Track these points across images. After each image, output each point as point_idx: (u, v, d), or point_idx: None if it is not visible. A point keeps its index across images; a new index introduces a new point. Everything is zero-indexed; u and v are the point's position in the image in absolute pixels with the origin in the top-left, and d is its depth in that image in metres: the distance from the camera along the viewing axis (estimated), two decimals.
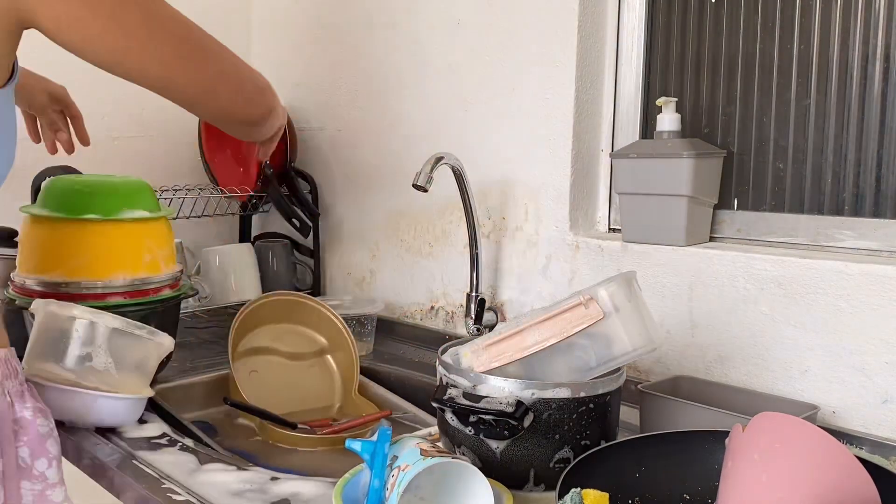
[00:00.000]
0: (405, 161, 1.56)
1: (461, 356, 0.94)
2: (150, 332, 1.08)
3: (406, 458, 0.77)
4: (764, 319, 1.08)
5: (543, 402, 0.87)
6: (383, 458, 0.78)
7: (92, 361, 1.04)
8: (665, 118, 1.18)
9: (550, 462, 0.88)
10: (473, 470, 0.77)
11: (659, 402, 1.01)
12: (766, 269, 1.08)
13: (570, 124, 1.29)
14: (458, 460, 0.78)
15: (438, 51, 1.49)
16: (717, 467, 0.75)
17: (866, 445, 0.97)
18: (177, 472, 0.94)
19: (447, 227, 1.50)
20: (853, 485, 0.63)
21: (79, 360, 1.04)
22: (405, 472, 0.75)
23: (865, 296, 0.99)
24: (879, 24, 1.07)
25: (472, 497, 0.78)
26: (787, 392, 1.06)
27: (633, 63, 1.31)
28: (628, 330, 0.88)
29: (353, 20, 1.67)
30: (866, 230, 1.08)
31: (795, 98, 1.15)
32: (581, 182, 1.32)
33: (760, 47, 1.18)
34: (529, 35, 1.33)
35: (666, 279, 1.18)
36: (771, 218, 1.17)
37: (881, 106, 1.07)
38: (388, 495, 0.76)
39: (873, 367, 0.99)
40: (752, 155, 1.20)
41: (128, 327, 1.06)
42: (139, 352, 1.08)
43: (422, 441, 0.82)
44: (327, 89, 1.74)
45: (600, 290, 0.87)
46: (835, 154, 1.12)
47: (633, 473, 0.82)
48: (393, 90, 1.59)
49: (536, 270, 1.35)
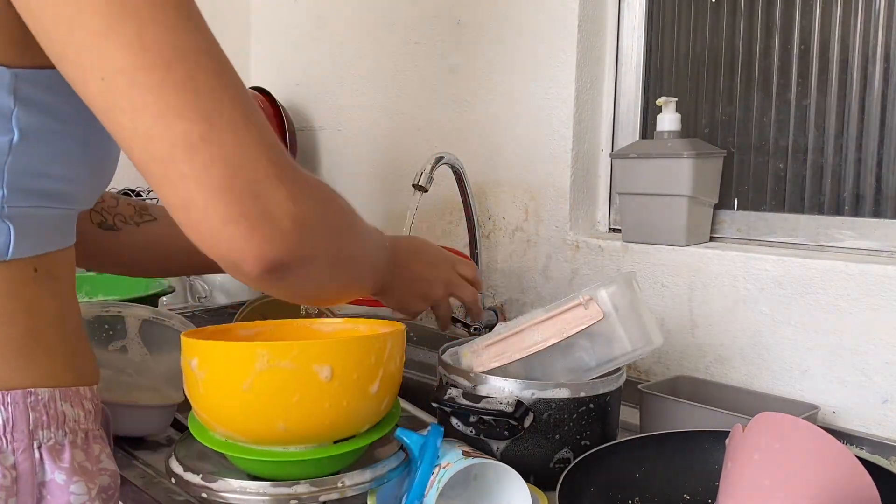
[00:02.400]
0: (405, 161, 1.56)
1: (461, 356, 0.94)
2: (181, 321, 1.05)
3: (447, 457, 0.77)
4: (764, 319, 1.08)
5: (543, 402, 0.87)
6: (434, 451, 0.78)
7: (128, 354, 1.00)
8: (665, 118, 1.18)
9: (550, 462, 0.88)
10: (513, 473, 0.77)
11: (659, 402, 1.01)
12: (766, 269, 1.08)
13: (570, 124, 1.29)
14: (500, 463, 0.78)
15: (438, 50, 1.49)
16: (717, 467, 0.75)
17: (866, 445, 0.97)
18: None
19: (447, 227, 1.50)
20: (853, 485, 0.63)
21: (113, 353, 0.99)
22: (446, 470, 0.75)
23: (865, 296, 0.99)
24: (879, 24, 1.07)
25: (510, 500, 0.78)
26: (787, 392, 1.06)
27: (633, 63, 1.31)
28: (628, 330, 0.88)
29: (353, 20, 1.67)
30: (866, 230, 1.08)
31: (795, 98, 1.15)
32: (581, 182, 1.32)
33: (760, 47, 1.18)
34: (529, 35, 1.33)
35: (666, 279, 1.18)
36: (771, 218, 1.17)
37: (881, 106, 1.07)
38: (427, 492, 0.76)
39: (873, 367, 0.99)
40: (752, 155, 1.20)
41: (157, 317, 1.02)
42: (173, 347, 1.03)
43: (462, 444, 0.82)
44: (327, 89, 1.74)
45: (600, 290, 0.87)
46: (835, 154, 1.12)
47: (633, 473, 0.82)
48: (393, 90, 1.59)
49: (536, 270, 1.35)
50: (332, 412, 0.73)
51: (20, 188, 0.60)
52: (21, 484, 0.62)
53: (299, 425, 0.73)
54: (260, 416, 0.73)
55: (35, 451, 0.63)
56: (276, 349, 0.71)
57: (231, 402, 0.72)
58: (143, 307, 1.03)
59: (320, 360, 0.72)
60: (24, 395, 0.63)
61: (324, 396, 0.72)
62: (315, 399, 0.72)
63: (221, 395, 0.73)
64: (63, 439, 0.65)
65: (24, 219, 0.61)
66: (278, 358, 0.70)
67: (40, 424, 0.63)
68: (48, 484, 0.64)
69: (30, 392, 0.63)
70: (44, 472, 0.64)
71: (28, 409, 0.62)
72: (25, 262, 0.63)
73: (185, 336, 0.76)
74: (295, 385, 0.71)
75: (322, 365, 0.72)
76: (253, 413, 0.72)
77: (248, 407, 0.72)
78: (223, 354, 0.73)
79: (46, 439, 0.64)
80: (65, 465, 0.65)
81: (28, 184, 0.61)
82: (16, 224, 0.60)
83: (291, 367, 0.71)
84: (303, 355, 0.71)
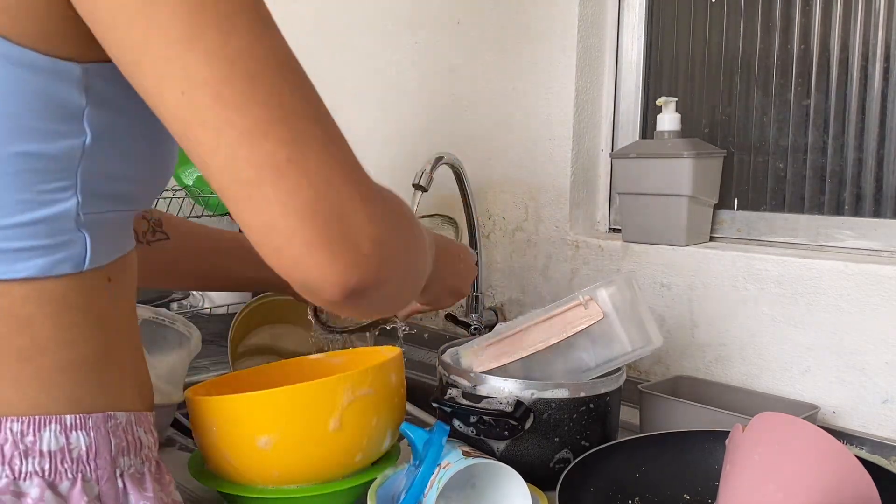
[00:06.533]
0: (405, 161, 1.56)
1: (461, 356, 0.94)
2: (184, 323, 1.04)
3: (448, 457, 0.77)
4: (764, 319, 1.08)
5: (543, 402, 0.87)
6: (438, 449, 0.77)
7: None
8: (665, 118, 1.18)
9: (550, 462, 0.88)
10: (513, 474, 0.77)
11: (659, 402, 1.01)
12: (766, 269, 1.08)
13: (570, 124, 1.29)
14: (500, 463, 0.79)
15: (438, 51, 1.49)
16: (717, 467, 0.75)
17: (866, 445, 0.97)
18: (177, 471, 0.94)
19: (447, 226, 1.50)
20: (853, 485, 0.63)
21: None
22: (446, 470, 0.75)
23: (865, 296, 0.99)
24: (879, 24, 1.07)
25: (510, 500, 0.78)
26: (787, 392, 1.06)
27: (633, 63, 1.31)
28: (628, 330, 0.88)
29: (353, 20, 1.67)
30: (866, 230, 1.08)
31: (795, 98, 1.15)
32: (581, 182, 1.32)
33: (760, 47, 1.18)
34: (529, 35, 1.33)
35: (666, 279, 1.18)
36: (771, 218, 1.17)
37: (881, 106, 1.07)
38: (427, 492, 0.76)
39: (873, 367, 0.99)
40: (752, 155, 1.20)
41: (159, 317, 1.00)
42: (173, 346, 1.03)
43: (463, 444, 0.82)
44: (328, 89, 1.74)
45: (600, 290, 0.87)
46: (835, 154, 1.12)
47: (633, 473, 0.82)
48: (393, 90, 1.59)
49: (536, 270, 1.35)
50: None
51: (95, 193, 0.56)
52: None
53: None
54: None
55: (118, 479, 0.59)
56: (357, 378, 0.78)
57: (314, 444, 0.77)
58: (144, 307, 1.03)
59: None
60: (105, 418, 0.58)
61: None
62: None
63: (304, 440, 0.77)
64: (142, 467, 0.61)
65: (99, 226, 0.57)
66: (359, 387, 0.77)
67: (121, 451, 0.59)
68: None
69: (109, 416, 0.59)
70: (128, 503, 0.59)
71: (109, 435, 0.58)
72: (100, 273, 0.58)
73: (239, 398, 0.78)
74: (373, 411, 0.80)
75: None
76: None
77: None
78: (307, 395, 0.77)
79: (128, 467, 0.59)
80: (148, 493, 0.60)
81: (102, 188, 0.57)
82: (91, 232, 0.57)
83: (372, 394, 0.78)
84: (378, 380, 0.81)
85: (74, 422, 0.56)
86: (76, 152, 0.54)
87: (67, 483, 0.55)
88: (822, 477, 0.64)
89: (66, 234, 0.55)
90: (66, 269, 0.56)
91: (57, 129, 0.53)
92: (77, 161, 0.54)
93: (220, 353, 1.36)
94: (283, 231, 0.49)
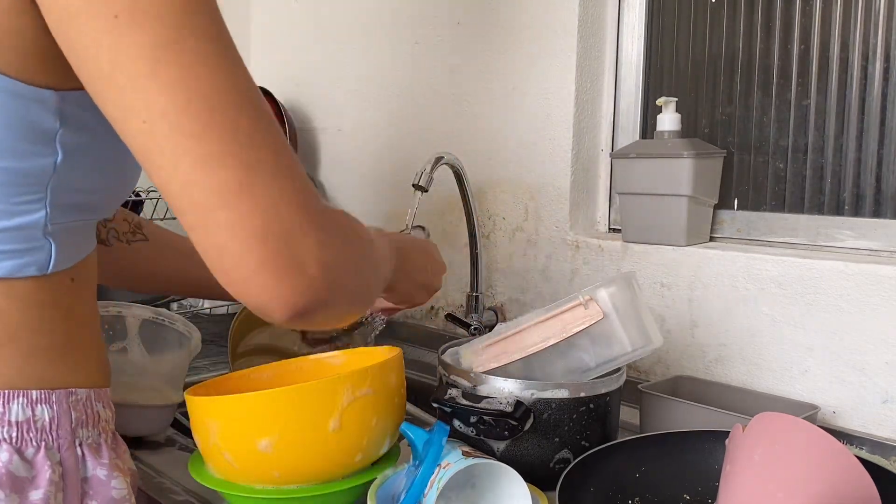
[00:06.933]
0: (405, 161, 1.56)
1: (461, 356, 0.94)
2: (184, 323, 1.05)
3: (448, 458, 0.77)
4: (764, 319, 1.08)
5: (543, 403, 0.87)
6: (438, 449, 0.78)
7: (128, 354, 0.99)
8: (665, 118, 1.18)
9: (550, 462, 0.88)
10: (513, 474, 0.77)
11: (659, 402, 1.01)
12: (766, 269, 1.08)
13: (570, 124, 1.29)
14: (500, 463, 0.78)
15: (438, 51, 1.49)
16: (717, 467, 0.75)
17: (866, 445, 0.97)
18: (176, 471, 0.94)
19: (447, 227, 1.50)
20: (853, 485, 0.63)
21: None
22: (446, 470, 0.75)
23: (865, 296, 0.99)
24: (879, 24, 1.07)
25: (510, 500, 0.78)
26: (787, 392, 1.06)
27: (633, 63, 1.31)
28: (628, 330, 0.88)
29: (354, 20, 1.67)
30: (866, 230, 1.08)
31: (795, 98, 1.15)
32: (581, 182, 1.32)
33: (760, 47, 1.18)
34: (529, 35, 1.33)
35: (666, 279, 1.18)
36: (771, 218, 1.17)
37: (881, 106, 1.07)
38: (427, 492, 0.76)
39: (873, 367, 0.99)
40: (752, 155, 1.20)
41: (159, 317, 1.02)
42: (173, 346, 1.04)
43: (463, 444, 0.82)
44: (327, 89, 1.74)
45: (600, 290, 0.87)
46: (835, 154, 1.12)
47: (633, 473, 0.82)
48: (393, 90, 1.59)
49: (536, 270, 1.35)
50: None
51: (61, 205, 0.61)
52: (67, 479, 0.65)
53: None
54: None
55: (77, 448, 0.66)
56: (356, 377, 0.78)
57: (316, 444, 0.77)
58: (144, 307, 1.03)
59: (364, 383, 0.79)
60: (67, 394, 0.65)
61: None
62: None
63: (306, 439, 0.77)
64: (99, 438, 0.69)
65: (65, 234, 0.63)
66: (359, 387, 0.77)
67: (80, 423, 0.66)
68: (90, 479, 0.67)
69: (71, 392, 0.66)
70: (86, 469, 0.67)
71: (70, 408, 0.65)
72: (64, 274, 0.64)
73: (239, 398, 0.78)
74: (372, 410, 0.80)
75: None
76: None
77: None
78: (307, 395, 0.76)
79: (86, 437, 0.67)
80: (104, 461, 0.68)
81: (69, 199, 0.62)
82: (57, 240, 0.62)
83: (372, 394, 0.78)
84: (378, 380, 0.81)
85: (40, 396, 0.63)
86: (48, 169, 0.59)
87: (32, 450, 0.63)
88: (822, 477, 0.64)
89: (34, 241, 0.61)
90: (31, 272, 0.61)
91: (31, 149, 0.58)
92: (48, 177, 0.59)
93: (220, 353, 1.36)
94: (233, 254, 0.51)
